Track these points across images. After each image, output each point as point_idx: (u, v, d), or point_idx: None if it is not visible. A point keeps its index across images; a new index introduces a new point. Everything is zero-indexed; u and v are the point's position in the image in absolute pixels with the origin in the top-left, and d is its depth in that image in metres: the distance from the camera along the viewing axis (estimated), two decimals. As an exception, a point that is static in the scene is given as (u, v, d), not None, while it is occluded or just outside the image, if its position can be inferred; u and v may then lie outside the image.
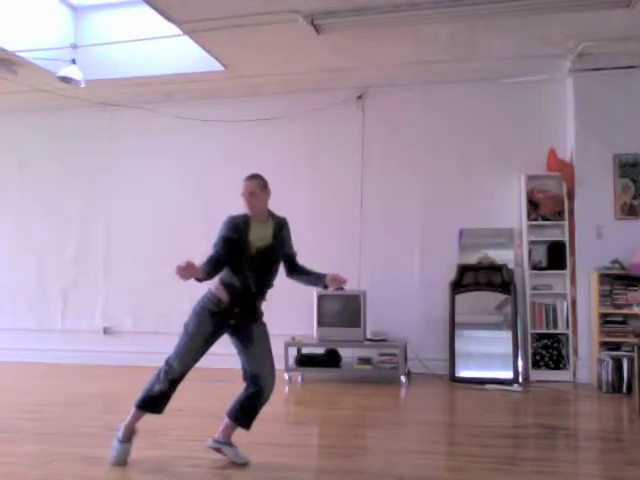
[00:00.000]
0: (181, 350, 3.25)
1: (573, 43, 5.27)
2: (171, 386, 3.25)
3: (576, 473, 3.29)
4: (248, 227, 3.30)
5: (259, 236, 3.31)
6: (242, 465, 3.27)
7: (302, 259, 6.22)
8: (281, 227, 3.43)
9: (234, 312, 3.27)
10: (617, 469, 3.29)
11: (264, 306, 3.44)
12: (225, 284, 3.26)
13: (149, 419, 3.36)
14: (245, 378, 3.32)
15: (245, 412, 3.31)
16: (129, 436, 3.31)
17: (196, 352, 3.25)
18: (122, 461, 3.27)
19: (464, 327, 5.70)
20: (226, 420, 3.34)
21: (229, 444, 3.33)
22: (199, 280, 3.11)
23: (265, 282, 3.34)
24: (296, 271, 3.52)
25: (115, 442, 3.31)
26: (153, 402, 3.28)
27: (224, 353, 3.56)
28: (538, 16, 4.72)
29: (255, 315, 3.35)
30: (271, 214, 3.43)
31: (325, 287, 3.55)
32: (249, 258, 3.25)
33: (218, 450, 3.34)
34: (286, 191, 6.29)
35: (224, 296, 3.25)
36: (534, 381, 5.53)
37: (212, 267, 3.17)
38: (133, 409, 3.32)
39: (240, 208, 3.42)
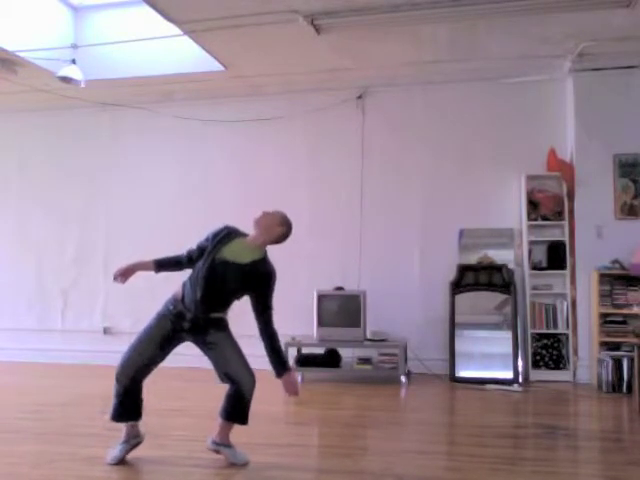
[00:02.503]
0: (130, 349, 3.29)
1: (573, 43, 5.28)
2: (127, 389, 3.25)
3: (576, 473, 3.29)
4: (230, 239, 3.28)
5: (234, 250, 3.24)
6: (242, 465, 3.27)
7: (302, 259, 6.23)
8: (261, 270, 3.24)
9: (187, 316, 3.27)
10: (617, 469, 3.29)
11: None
12: (183, 283, 3.33)
13: (149, 419, 3.36)
14: (220, 379, 3.32)
15: (234, 408, 3.30)
16: (127, 438, 3.34)
17: (143, 350, 3.25)
18: (114, 460, 3.28)
19: (464, 327, 5.70)
20: (219, 421, 3.34)
21: (227, 445, 3.33)
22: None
23: (212, 298, 3.24)
24: (261, 333, 3.24)
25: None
26: (121, 411, 3.30)
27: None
28: (538, 16, 4.72)
29: (209, 322, 3.29)
30: (265, 254, 3.30)
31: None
32: (208, 266, 3.22)
33: (217, 451, 3.34)
34: (286, 191, 6.32)
35: (179, 295, 3.31)
36: (534, 381, 5.53)
37: (168, 261, 3.41)
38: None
39: (240, 208, 3.42)
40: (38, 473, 3.19)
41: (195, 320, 3.27)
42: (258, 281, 3.23)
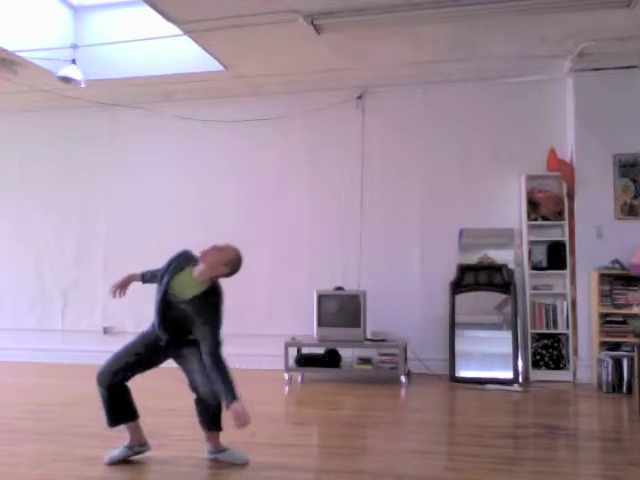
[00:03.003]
0: (110, 358, 3.37)
1: (573, 43, 5.28)
2: (110, 392, 3.30)
3: (576, 473, 3.29)
4: (182, 269, 3.28)
5: (180, 283, 3.26)
6: (242, 465, 3.27)
7: (302, 259, 6.25)
8: (199, 306, 3.22)
9: (162, 337, 3.35)
10: (617, 469, 3.29)
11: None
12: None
13: (150, 419, 3.36)
14: (190, 388, 3.36)
15: (207, 418, 3.35)
16: (131, 444, 3.36)
17: (124, 361, 3.32)
18: (109, 460, 3.30)
19: (464, 327, 5.70)
20: (204, 433, 3.40)
21: (221, 450, 3.36)
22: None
23: (170, 327, 3.32)
24: (212, 369, 3.15)
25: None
26: (113, 414, 3.32)
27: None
28: (538, 16, 4.72)
29: (178, 346, 3.36)
30: (207, 286, 3.26)
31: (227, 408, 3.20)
32: (161, 297, 3.29)
33: (216, 460, 3.37)
34: (286, 191, 6.32)
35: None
36: (534, 381, 5.53)
37: (151, 275, 3.52)
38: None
39: (240, 208, 3.42)
40: (38, 473, 3.19)
41: (169, 340, 3.34)
42: (199, 316, 3.20)
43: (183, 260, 3.33)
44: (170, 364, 3.43)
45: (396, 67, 5.90)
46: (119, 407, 3.33)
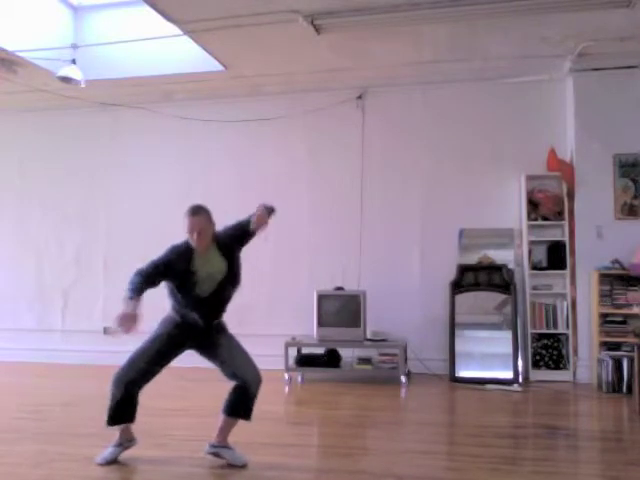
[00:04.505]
0: (130, 358, 3.32)
1: (573, 43, 5.27)
2: (124, 394, 3.25)
3: (576, 473, 3.29)
4: (193, 256, 3.29)
5: (207, 263, 3.29)
6: (241, 466, 3.27)
7: (302, 259, 6.25)
8: (225, 248, 3.34)
9: (190, 334, 3.33)
10: (617, 469, 3.29)
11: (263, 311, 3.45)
12: (178, 313, 3.34)
13: (150, 419, 3.36)
14: (228, 378, 3.34)
15: (239, 402, 3.31)
16: (120, 442, 3.35)
17: (145, 362, 3.27)
18: (102, 461, 3.29)
19: (464, 327, 5.70)
20: (223, 419, 3.34)
21: (226, 447, 3.34)
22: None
23: (217, 311, 3.36)
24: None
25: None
26: (117, 414, 3.29)
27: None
28: (538, 16, 4.72)
29: (211, 331, 3.35)
30: (214, 239, 3.34)
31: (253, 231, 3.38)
32: (196, 293, 3.26)
33: (216, 455, 3.34)
34: (286, 191, 6.32)
35: (178, 321, 3.34)
36: (534, 381, 5.53)
37: (139, 284, 3.20)
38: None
39: (240, 208, 3.42)
40: (38, 473, 3.19)
41: (202, 330, 3.31)
42: (235, 246, 3.38)
43: (182, 252, 3.30)
44: (172, 364, 3.42)
45: (396, 67, 5.90)
46: (126, 410, 3.30)
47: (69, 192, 6.97)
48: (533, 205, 5.81)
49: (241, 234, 3.40)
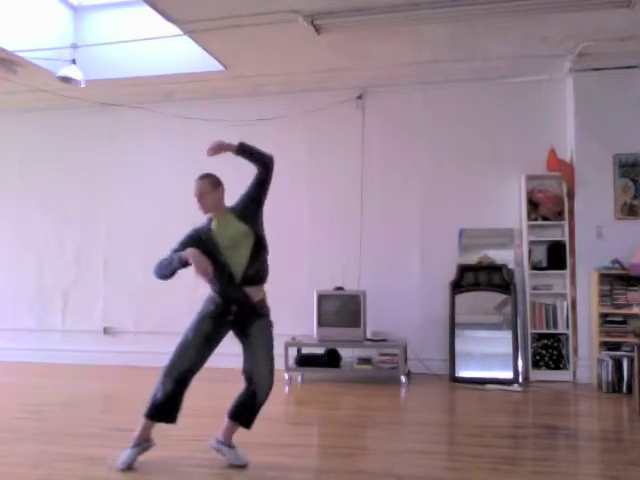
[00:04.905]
0: (177, 347, 3.26)
1: (573, 43, 5.27)
2: (175, 387, 3.22)
3: (576, 473, 3.29)
4: (211, 227, 3.36)
5: (225, 229, 3.34)
6: (241, 466, 3.27)
7: (302, 259, 6.27)
8: (241, 212, 3.41)
9: (231, 310, 3.28)
10: (617, 469, 3.29)
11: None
12: (213, 289, 3.31)
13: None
14: (244, 375, 3.32)
15: (244, 411, 3.31)
16: (138, 442, 3.29)
17: (194, 349, 3.23)
18: (123, 465, 3.23)
19: (464, 327, 5.70)
20: (226, 421, 3.34)
21: (229, 445, 3.33)
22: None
23: (251, 269, 3.28)
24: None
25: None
26: (161, 409, 3.27)
27: (224, 353, 3.56)
28: (538, 16, 4.72)
29: (253, 310, 3.31)
30: (230, 209, 3.44)
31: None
32: (223, 255, 3.26)
33: (219, 451, 3.34)
34: (286, 191, 6.30)
35: (217, 299, 3.29)
36: (534, 381, 5.53)
37: (171, 253, 3.29)
38: (142, 419, 3.29)
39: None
40: (38, 473, 3.19)
41: (239, 311, 3.28)
42: (251, 211, 3.45)
43: (202, 225, 3.43)
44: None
45: (396, 67, 5.90)
46: (169, 407, 3.26)
47: (69, 192, 6.97)
48: (533, 205, 5.82)
49: (250, 190, 3.51)
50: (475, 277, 5.75)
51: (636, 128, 5.54)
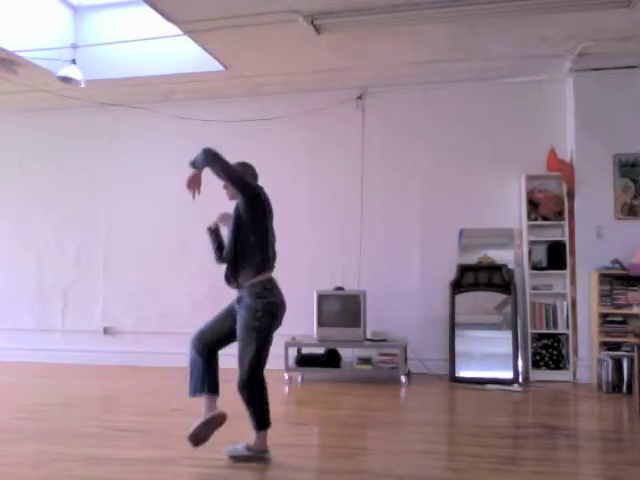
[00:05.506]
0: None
1: (573, 43, 5.27)
2: (196, 356, 3.34)
3: (576, 473, 3.29)
4: None
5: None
6: (239, 457, 3.30)
7: (302, 259, 6.27)
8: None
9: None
10: (617, 469, 3.29)
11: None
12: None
13: (150, 419, 3.35)
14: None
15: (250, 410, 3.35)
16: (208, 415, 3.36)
17: (213, 322, 3.39)
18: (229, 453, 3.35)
19: (464, 327, 5.70)
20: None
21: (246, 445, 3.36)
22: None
23: (235, 266, 3.41)
24: None
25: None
26: (193, 382, 3.39)
27: (225, 353, 3.56)
28: (538, 16, 4.72)
29: (239, 301, 3.36)
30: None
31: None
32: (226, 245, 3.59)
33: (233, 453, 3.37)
34: (286, 191, 6.30)
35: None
36: (534, 381, 5.53)
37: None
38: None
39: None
40: (38, 473, 3.19)
41: (238, 294, 3.38)
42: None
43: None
44: (172, 363, 3.43)
45: (396, 67, 5.90)
46: (199, 377, 3.34)
47: (69, 192, 6.97)
48: (533, 205, 5.82)
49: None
50: (475, 277, 5.75)
51: (636, 128, 5.54)
